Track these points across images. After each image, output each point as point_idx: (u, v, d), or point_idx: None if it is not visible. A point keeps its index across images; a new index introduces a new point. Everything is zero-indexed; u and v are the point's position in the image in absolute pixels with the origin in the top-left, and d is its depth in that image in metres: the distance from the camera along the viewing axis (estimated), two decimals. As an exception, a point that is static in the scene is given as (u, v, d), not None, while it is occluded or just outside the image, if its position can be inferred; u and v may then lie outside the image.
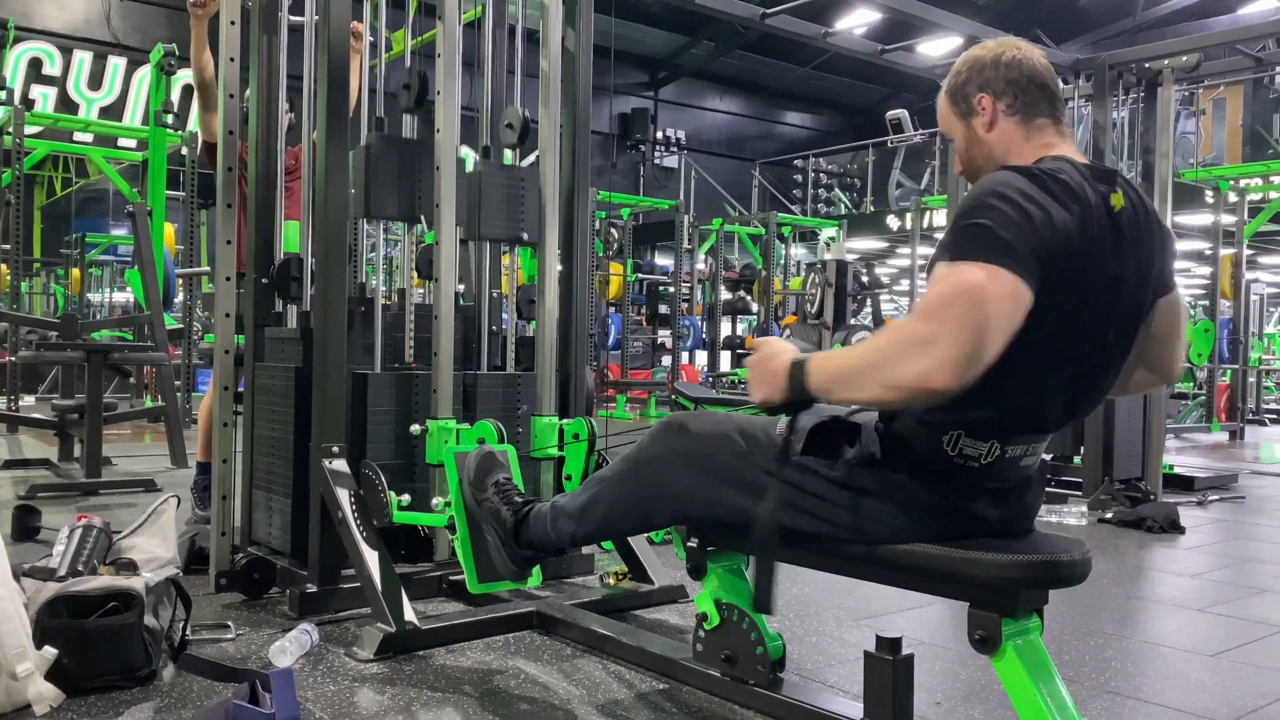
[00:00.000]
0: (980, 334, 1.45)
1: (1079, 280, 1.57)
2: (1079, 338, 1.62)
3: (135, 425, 8.32)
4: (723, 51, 20.93)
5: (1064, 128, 1.75)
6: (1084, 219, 1.57)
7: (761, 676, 2.09)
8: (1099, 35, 18.55)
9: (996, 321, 1.46)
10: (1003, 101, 1.72)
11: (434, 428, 2.84)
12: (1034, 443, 1.71)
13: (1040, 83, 1.72)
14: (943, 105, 1.83)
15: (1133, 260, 1.66)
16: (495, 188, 3.17)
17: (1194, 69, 5.54)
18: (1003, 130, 1.73)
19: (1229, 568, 3.91)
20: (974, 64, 1.76)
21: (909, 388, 1.48)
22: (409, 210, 3.11)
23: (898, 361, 1.49)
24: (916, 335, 1.49)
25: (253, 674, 2.09)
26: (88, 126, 12.29)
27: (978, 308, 1.45)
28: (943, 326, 1.46)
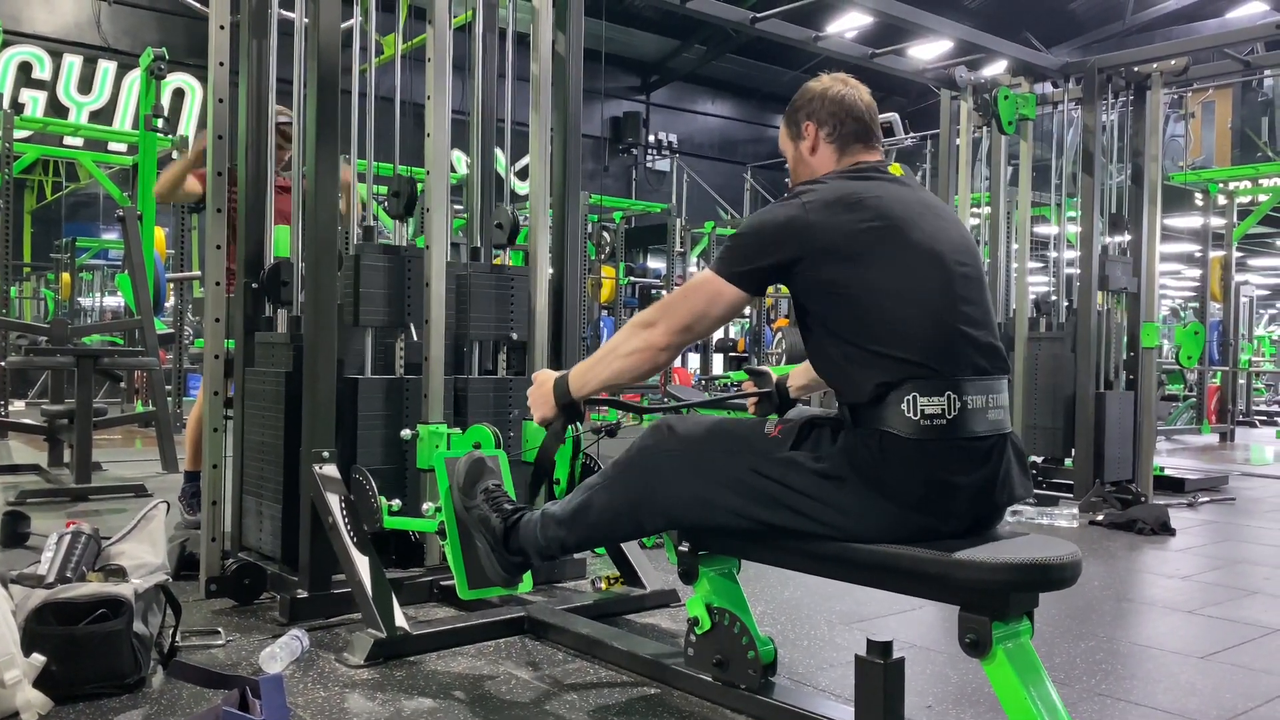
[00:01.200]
0: (690, 318, 1.95)
1: (883, 230, 1.84)
2: (919, 271, 1.84)
3: (125, 430, 8.29)
4: (714, 55, 20.93)
5: (871, 145, 2.05)
6: (870, 191, 1.89)
7: (753, 680, 2.09)
8: (1088, 39, 18.61)
9: (699, 308, 1.94)
10: (825, 129, 2.04)
11: (425, 432, 2.84)
12: (990, 392, 1.81)
13: (857, 116, 2.03)
14: (782, 128, 2.16)
15: (933, 208, 1.94)
16: (485, 290, 3.20)
17: (1183, 72, 5.56)
18: (822, 154, 2.04)
19: (1219, 569, 3.92)
20: (808, 94, 2.08)
21: (638, 349, 1.97)
22: (398, 319, 3.10)
23: (629, 339, 1.99)
24: (642, 320, 2.00)
25: (243, 680, 2.08)
26: (78, 130, 12.26)
27: (691, 299, 1.95)
28: (661, 313, 1.97)
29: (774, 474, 1.83)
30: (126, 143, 11.11)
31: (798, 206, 1.88)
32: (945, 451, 1.76)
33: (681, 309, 1.96)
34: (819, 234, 1.84)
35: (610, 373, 2.02)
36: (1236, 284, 10.91)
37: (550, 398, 2.13)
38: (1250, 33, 5.85)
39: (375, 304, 3.04)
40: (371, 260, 3.04)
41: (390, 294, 3.07)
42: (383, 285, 3.05)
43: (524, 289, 3.26)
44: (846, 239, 1.83)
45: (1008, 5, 18.00)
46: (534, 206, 3.30)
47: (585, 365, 2.09)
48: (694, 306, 1.95)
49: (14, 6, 14.89)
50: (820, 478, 1.80)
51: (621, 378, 2.04)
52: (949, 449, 1.76)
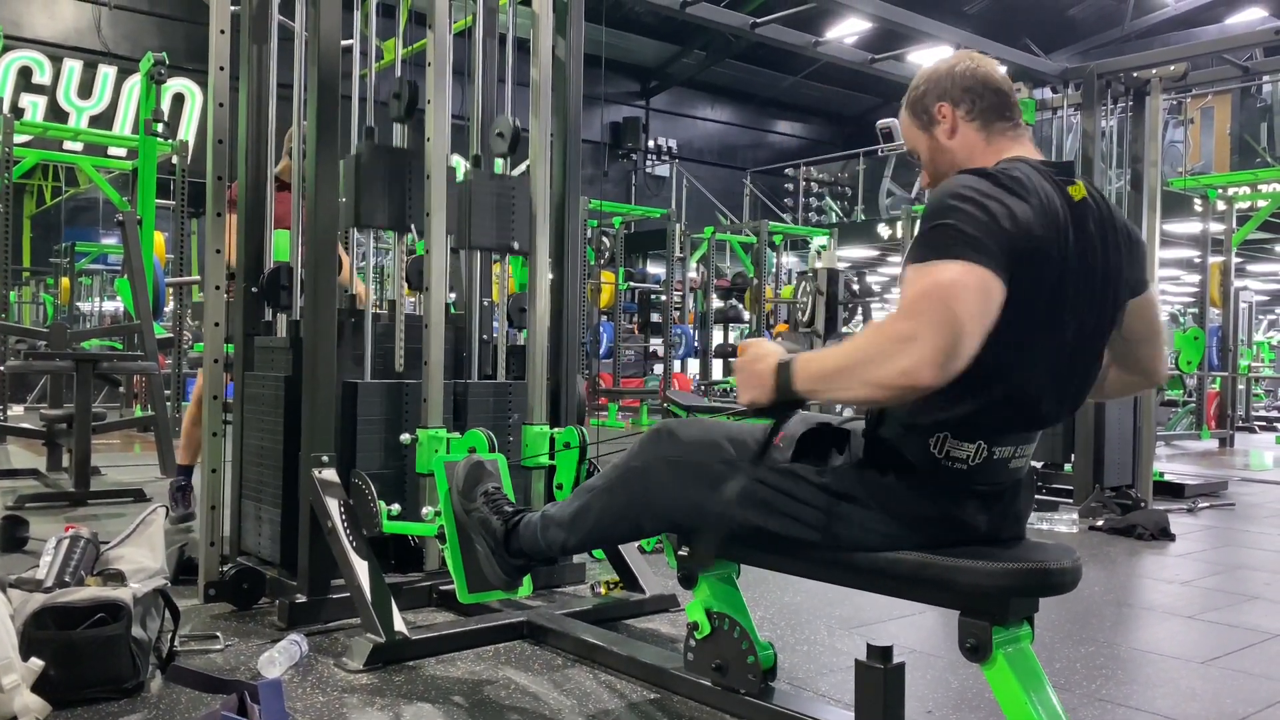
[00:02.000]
0: (957, 328, 1.46)
1: (1046, 270, 1.58)
2: (1054, 328, 1.63)
3: (124, 435, 8.29)
4: (714, 61, 20.98)
5: (1022, 131, 1.79)
6: (1044, 210, 1.59)
7: (752, 685, 2.08)
8: (1087, 45, 18.65)
9: (972, 315, 1.48)
10: (961, 108, 1.77)
11: (424, 437, 2.84)
12: (1021, 444, 1.71)
13: (995, 88, 1.77)
14: (905, 120, 1.87)
15: (1099, 250, 1.67)
16: (486, 197, 3.16)
17: (1182, 78, 5.58)
18: (964, 136, 1.78)
19: (1219, 575, 3.92)
20: (931, 76, 1.82)
21: (893, 385, 1.49)
22: (399, 219, 3.11)
23: (880, 360, 1.50)
24: (897, 333, 1.50)
25: (241, 685, 2.08)
26: (77, 135, 12.24)
27: (952, 303, 1.47)
28: (921, 323, 1.48)
29: (774, 483, 1.80)
30: (126, 147, 11.11)
31: (1019, 200, 1.57)
32: (957, 493, 1.70)
33: (956, 315, 1.47)
34: (1026, 241, 1.55)
35: (848, 396, 1.62)
36: (1236, 289, 10.91)
37: (769, 382, 1.68)
38: (1249, 39, 5.87)
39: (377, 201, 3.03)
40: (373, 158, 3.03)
41: (392, 194, 3.05)
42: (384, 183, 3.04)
43: (524, 197, 3.22)
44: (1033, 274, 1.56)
45: (1007, 11, 18.04)
46: (534, 212, 3.30)
47: (825, 367, 1.64)
48: (970, 309, 1.48)
49: (14, 11, 14.92)
50: (824, 492, 1.75)
51: (859, 404, 1.70)
52: (962, 492, 1.70)
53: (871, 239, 16.13)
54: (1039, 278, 1.57)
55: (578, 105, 3.41)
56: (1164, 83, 5.55)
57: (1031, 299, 1.57)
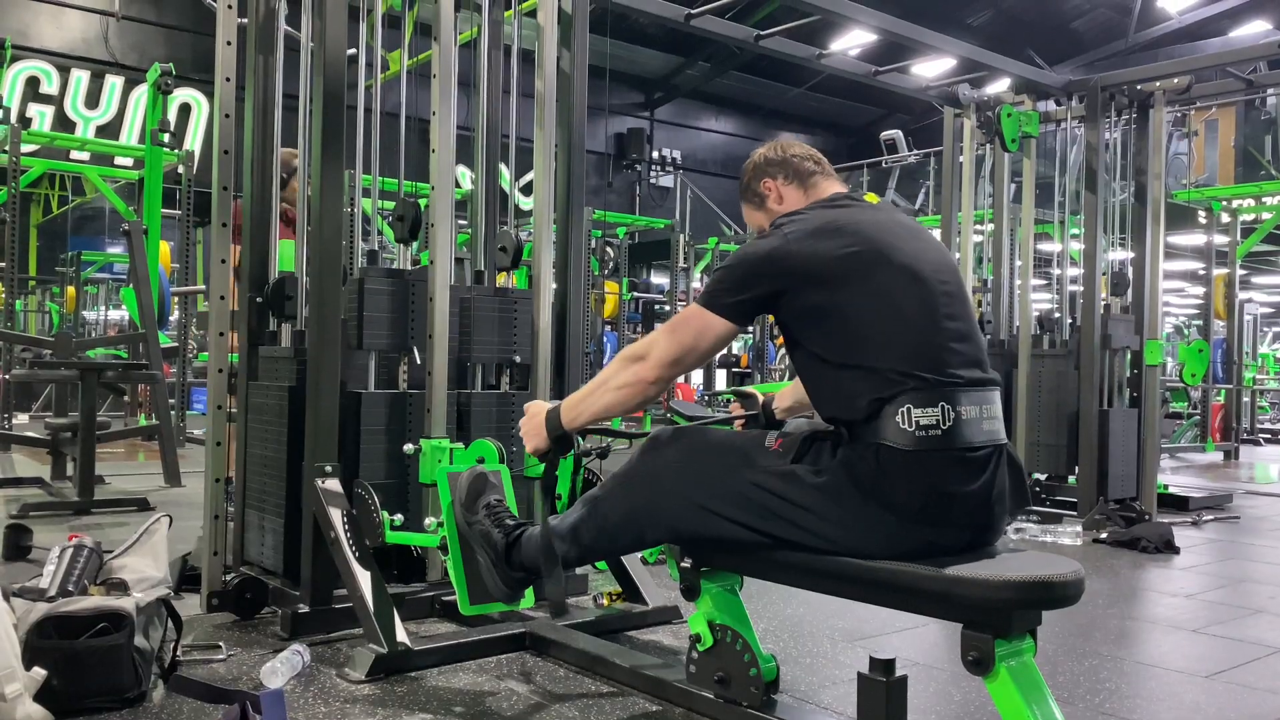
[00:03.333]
0: (677, 352, 1.98)
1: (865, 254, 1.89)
2: (903, 290, 1.88)
3: (129, 444, 8.30)
4: (718, 72, 21.03)
5: (829, 173, 2.19)
6: (850, 219, 1.96)
7: (755, 698, 2.08)
8: (1091, 57, 18.67)
9: (683, 343, 1.98)
10: (779, 178, 2.18)
11: (427, 447, 2.84)
12: (983, 404, 1.84)
13: (794, 154, 2.19)
14: (745, 210, 2.27)
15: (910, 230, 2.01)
16: (488, 313, 3.21)
17: (1185, 91, 5.58)
18: (789, 196, 2.16)
19: (1224, 588, 3.90)
20: (749, 167, 2.24)
21: (627, 384, 2.00)
22: (401, 343, 3.11)
23: (620, 372, 2.02)
24: (632, 353, 2.03)
25: (244, 695, 2.08)
26: (84, 145, 12.31)
27: (680, 332, 1.99)
28: (651, 347, 2.00)
29: (774, 487, 1.85)
30: (133, 157, 11.15)
31: (780, 238, 1.95)
32: (942, 462, 1.78)
33: (670, 343, 1.99)
34: (802, 263, 1.90)
35: (600, 406, 2.05)
36: (1240, 302, 10.90)
37: (543, 429, 2.14)
38: (1253, 51, 5.87)
39: (379, 327, 3.04)
40: (375, 284, 3.05)
41: (394, 318, 3.07)
42: (386, 309, 3.06)
43: (527, 311, 3.26)
44: (829, 265, 1.89)
45: (1011, 23, 18.08)
46: (538, 222, 3.31)
47: (577, 397, 2.11)
48: (683, 340, 1.99)
49: (22, 21, 15.00)
50: (820, 492, 1.81)
51: (612, 411, 2.07)
52: (946, 459, 1.78)
53: (875, 250, 16.07)
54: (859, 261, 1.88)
55: (582, 116, 3.42)
56: (1168, 95, 5.56)
57: (847, 274, 1.87)
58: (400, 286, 3.09)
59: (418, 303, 3.09)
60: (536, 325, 3.22)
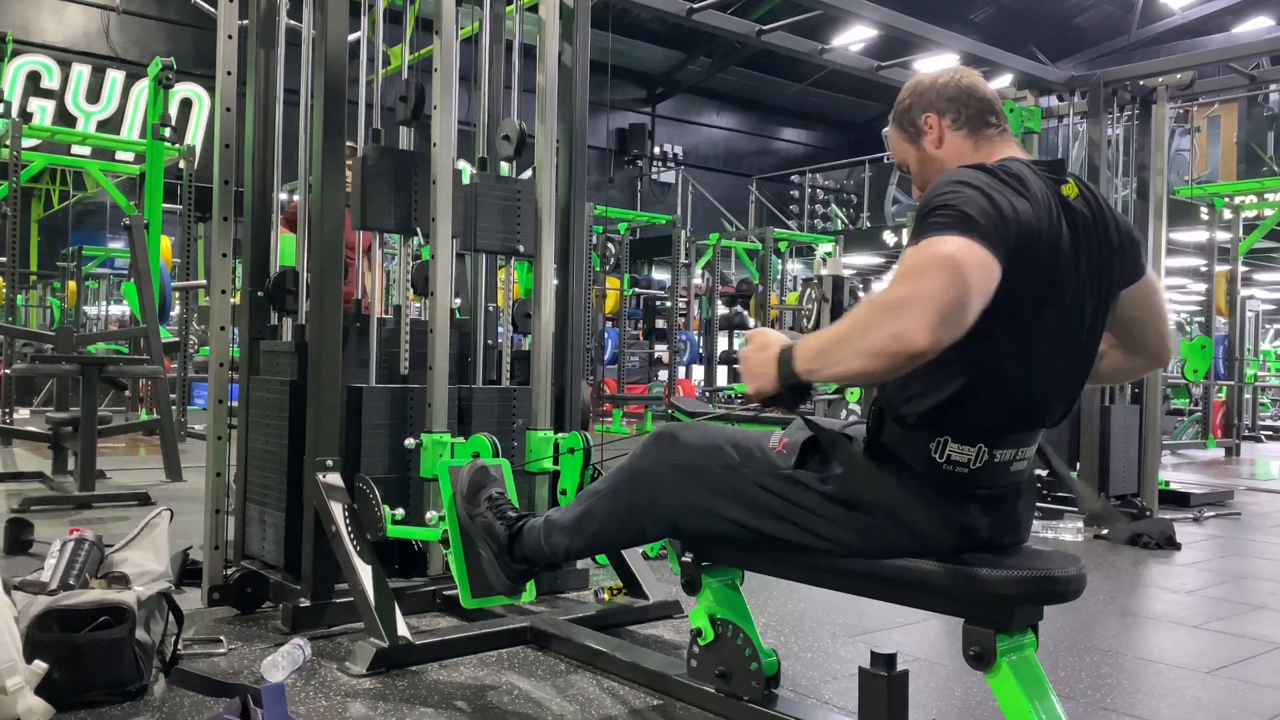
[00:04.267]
0: (952, 295, 1.45)
1: (1042, 266, 1.60)
2: (1049, 325, 1.64)
3: (130, 438, 8.30)
4: (720, 68, 21.01)
5: (1009, 135, 1.82)
6: (1041, 206, 1.61)
7: (756, 692, 2.08)
8: (1094, 53, 18.65)
9: (969, 285, 1.46)
10: (947, 118, 1.80)
11: (428, 441, 2.84)
12: (1022, 446, 1.72)
13: (979, 96, 1.80)
14: (892, 135, 1.90)
15: (1094, 246, 1.69)
16: (491, 200, 3.17)
17: (1188, 86, 5.57)
18: (951, 144, 1.80)
19: (1225, 584, 3.90)
20: (915, 89, 1.86)
21: (886, 351, 1.47)
22: (405, 222, 3.11)
23: (875, 327, 1.49)
24: (890, 300, 1.49)
25: (244, 689, 2.08)
26: (85, 140, 12.30)
27: (950, 272, 1.46)
28: (915, 289, 1.47)
29: (778, 489, 1.80)
30: (134, 152, 11.16)
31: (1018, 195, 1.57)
32: (961, 497, 1.70)
33: (946, 286, 1.45)
34: (1019, 246, 1.54)
35: (846, 371, 1.58)
36: (1242, 298, 10.89)
37: (773, 370, 1.67)
38: (1256, 47, 5.87)
39: (382, 202, 3.04)
40: (378, 161, 3.04)
41: (397, 195, 3.07)
42: (389, 186, 3.05)
43: (530, 200, 3.22)
44: (1029, 257, 1.57)
45: (1013, 19, 18.06)
46: (540, 217, 3.31)
47: (820, 345, 1.62)
48: (964, 281, 1.46)
49: (23, 16, 14.99)
50: (825, 499, 1.75)
51: (858, 380, 1.64)
52: (966, 495, 1.70)
53: (877, 246, 16.11)
54: (1036, 273, 1.58)
55: (583, 111, 3.41)
56: (1170, 91, 5.55)
57: (1028, 294, 1.58)
58: (404, 163, 3.08)
59: (420, 180, 3.08)
60: (538, 316, 3.21)
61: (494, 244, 3.19)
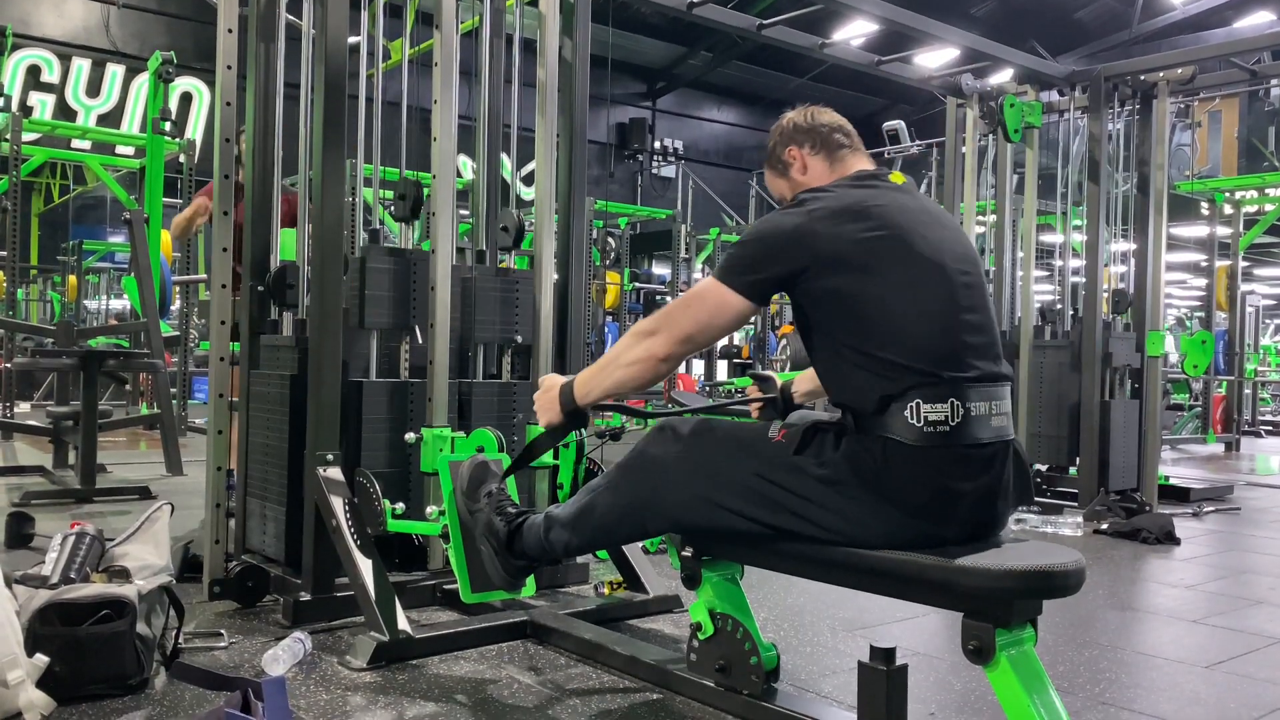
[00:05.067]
0: (688, 329, 1.93)
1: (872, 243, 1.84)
2: (907, 277, 1.84)
3: (130, 432, 8.31)
4: (720, 62, 20.97)
5: (858, 148, 2.11)
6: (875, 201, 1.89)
7: (755, 686, 2.08)
8: (1095, 47, 18.61)
9: (698, 320, 1.93)
10: (805, 147, 2.10)
11: (429, 436, 2.84)
12: (993, 399, 1.82)
13: (825, 123, 2.11)
14: (768, 176, 2.20)
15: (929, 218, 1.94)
16: (490, 293, 3.21)
17: (1189, 81, 5.56)
18: (813, 168, 2.09)
19: (1224, 579, 3.91)
20: (777, 131, 2.17)
21: (638, 359, 1.95)
22: (403, 322, 3.11)
23: (631, 348, 1.97)
24: (643, 329, 1.97)
25: (245, 682, 2.08)
26: (85, 134, 12.29)
27: (694, 308, 1.94)
28: (662, 323, 1.95)
29: (777, 478, 1.84)
30: (134, 146, 11.14)
31: (804, 215, 1.88)
32: (948, 458, 1.77)
33: (684, 319, 1.93)
34: (825, 243, 1.84)
35: (612, 382, 2.01)
36: (1243, 293, 10.89)
37: (556, 404, 2.11)
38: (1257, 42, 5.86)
39: (381, 306, 3.04)
40: (377, 263, 3.05)
41: (395, 297, 3.07)
42: (388, 288, 3.06)
43: (529, 292, 3.27)
44: (852, 248, 1.84)
45: (1014, 13, 18.02)
46: (540, 212, 3.31)
47: (589, 373, 2.08)
48: (697, 316, 1.93)
49: (23, 10, 14.96)
50: (823, 483, 1.80)
51: (623, 387, 2.02)
52: (952, 455, 1.77)
53: (877, 241, 16.04)
54: (866, 250, 1.84)
55: (584, 106, 3.41)
56: (1171, 86, 5.54)
57: (887, 267, 1.83)
58: (402, 265, 3.09)
59: (419, 283, 3.09)
60: (538, 313, 3.21)
61: (492, 336, 3.26)
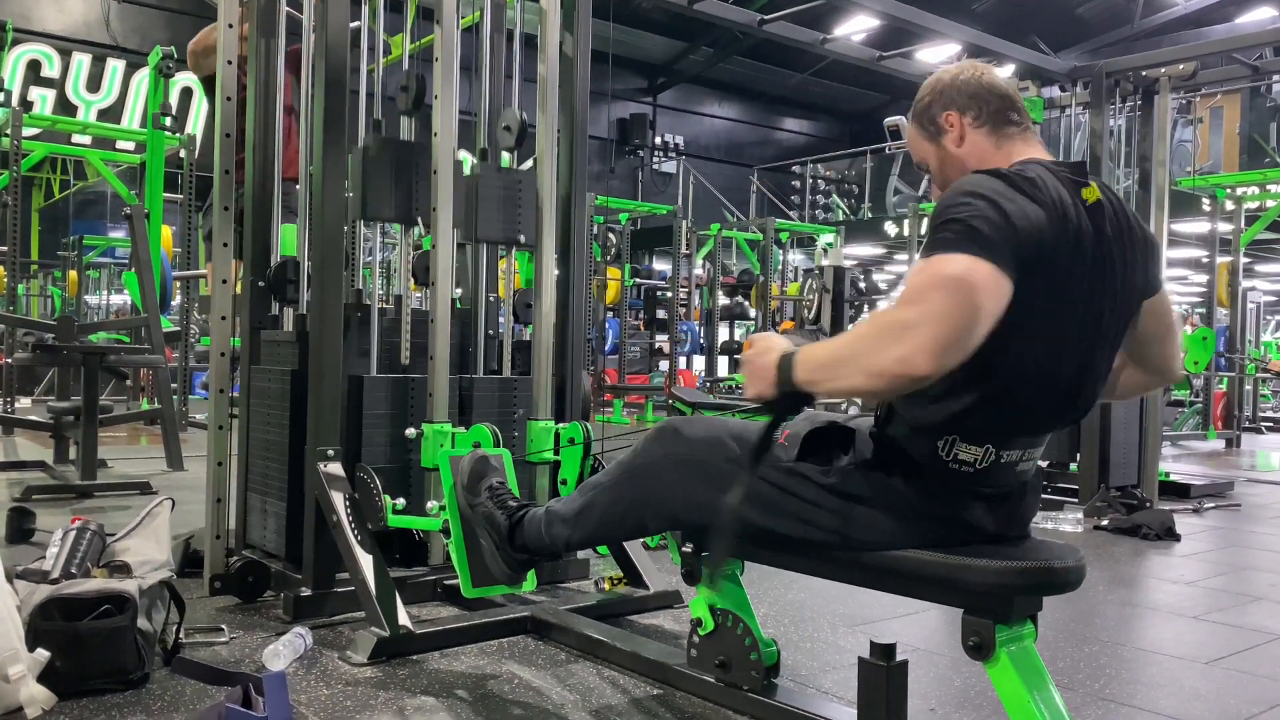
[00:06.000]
0: (960, 320, 1.45)
1: (1057, 273, 1.57)
2: (1066, 331, 1.62)
3: (131, 428, 8.31)
4: (721, 57, 20.96)
5: (1031, 133, 1.78)
6: (1056, 212, 1.57)
7: (755, 682, 2.08)
8: (1097, 43, 18.59)
9: (976, 308, 1.46)
10: (968, 115, 1.77)
11: (429, 431, 2.84)
12: (1029, 448, 1.71)
13: (1000, 93, 1.77)
14: (911, 133, 1.86)
15: (1115, 253, 1.66)
16: (492, 190, 3.17)
17: (1191, 77, 5.56)
18: (973, 143, 1.77)
19: (1224, 575, 3.91)
20: (935, 86, 1.81)
21: (889, 373, 1.47)
22: (406, 212, 3.11)
23: (879, 348, 1.48)
24: (896, 321, 1.49)
25: (246, 677, 2.09)
26: (86, 129, 12.30)
27: (957, 294, 1.46)
28: (922, 313, 1.46)
29: (779, 482, 1.79)
30: (134, 141, 11.13)
31: (1029, 201, 1.54)
32: (966, 496, 1.70)
33: (951, 309, 1.45)
34: (1034, 252, 1.52)
35: (847, 387, 1.59)
36: (1244, 289, 10.88)
37: (772, 376, 1.65)
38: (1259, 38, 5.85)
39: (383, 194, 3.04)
40: (379, 152, 3.04)
41: (398, 186, 3.06)
42: (390, 177, 3.05)
43: (531, 190, 3.22)
44: (1044, 269, 1.55)
45: (1015, 9, 18.00)
46: (540, 207, 3.30)
47: (823, 357, 1.60)
48: (969, 305, 1.46)
49: (23, 5, 14.95)
50: (828, 493, 1.74)
51: (858, 394, 1.65)
52: (968, 495, 1.70)
53: (878, 236, 16.11)
54: (1050, 280, 1.56)
55: (585, 101, 3.41)
56: (1173, 82, 5.54)
57: (1043, 302, 1.56)
58: (405, 154, 3.08)
59: (420, 172, 3.07)
60: (538, 308, 3.21)
61: (495, 234, 3.20)
